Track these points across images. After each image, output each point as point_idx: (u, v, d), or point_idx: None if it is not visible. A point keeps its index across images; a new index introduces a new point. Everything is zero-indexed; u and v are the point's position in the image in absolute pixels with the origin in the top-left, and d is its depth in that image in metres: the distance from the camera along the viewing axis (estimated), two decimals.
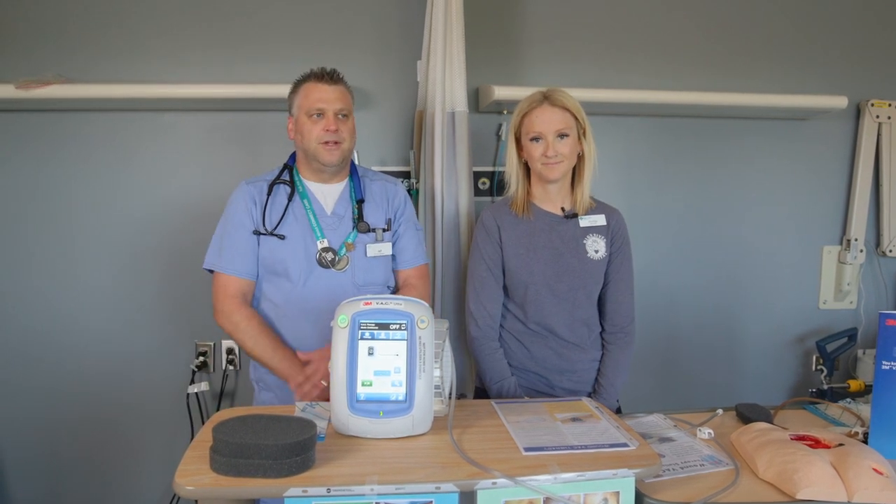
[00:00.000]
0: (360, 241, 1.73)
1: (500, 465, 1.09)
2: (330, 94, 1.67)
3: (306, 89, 1.69)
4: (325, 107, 1.66)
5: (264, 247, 1.69)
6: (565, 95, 1.68)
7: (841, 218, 2.63)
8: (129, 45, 2.19)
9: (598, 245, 1.73)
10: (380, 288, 1.78)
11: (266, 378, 1.75)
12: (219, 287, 1.69)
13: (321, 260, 1.69)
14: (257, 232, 1.69)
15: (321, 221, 1.71)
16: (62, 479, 2.31)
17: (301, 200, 1.73)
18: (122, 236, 2.26)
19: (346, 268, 1.71)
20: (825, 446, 1.27)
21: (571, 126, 1.67)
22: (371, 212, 1.77)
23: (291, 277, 1.68)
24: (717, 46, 2.49)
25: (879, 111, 2.52)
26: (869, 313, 2.67)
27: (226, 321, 1.67)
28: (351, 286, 1.71)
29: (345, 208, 1.75)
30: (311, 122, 1.66)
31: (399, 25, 2.31)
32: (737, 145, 2.56)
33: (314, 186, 1.75)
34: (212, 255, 1.72)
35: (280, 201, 1.72)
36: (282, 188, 1.73)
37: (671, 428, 1.48)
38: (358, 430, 1.20)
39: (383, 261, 1.77)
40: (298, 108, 1.69)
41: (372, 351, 1.23)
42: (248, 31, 2.25)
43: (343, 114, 1.70)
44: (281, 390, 1.72)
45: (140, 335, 2.30)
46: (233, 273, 1.69)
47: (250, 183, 1.73)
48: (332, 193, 1.76)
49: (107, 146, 2.23)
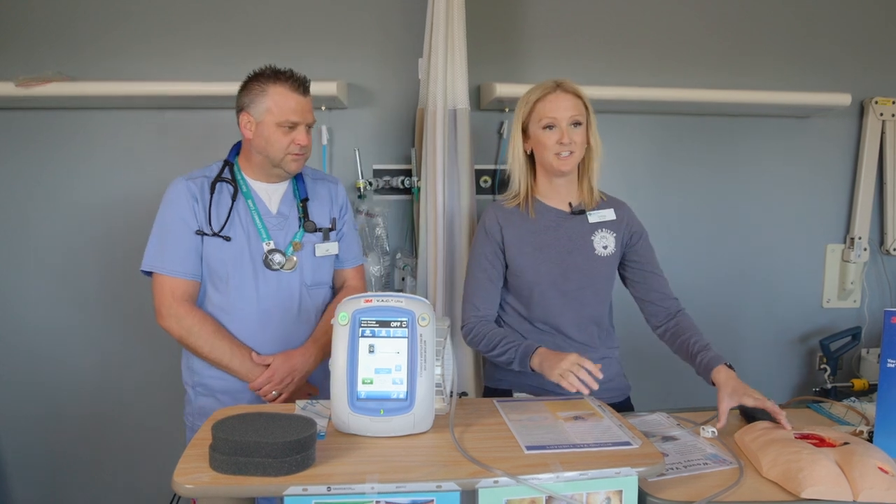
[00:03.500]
0: (308, 241, 1.70)
1: (501, 464, 1.08)
2: (304, 105, 1.62)
3: (278, 95, 1.59)
4: (299, 120, 1.60)
5: (208, 248, 1.62)
6: (576, 85, 1.66)
7: (845, 216, 2.62)
8: (129, 43, 2.19)
9: (607, 241, 1.70)
10: (326, 288, 1.77)
11: (210, 383, 1.67)
12: (163, 290, 1.60)
13: (268, 262, 1.64)
14: (201, 232, 1.61)
15: (266, 222, 1.66)
16: (61, 477, 2.31)
17: (245, 200, 1.66)
18: (123, 234, 2.25)
19: (294, 268, 1.67)
20: (830, 445, 1.26)
21: (583, 114, 1.64)
22: (316, 211, 1.74)
23: (238, 280, 1.62)
24: (720, 43, 2.48)
25: (883, 109, 2.50)
26: (873, 312, 2.65)
27: (175, 325, 1.59)
28: (299, 286, 1.68)
29: (289, 208, 1.71)
30: (281, 132, 1.59)
31: (400, 23, 2.30)
32: (740, 143, 2.54)
33: (257, 185, 1.69)
34: (152, 255, 1.62)
35: (224, 201, 1.65)
36: (225, 187, 1.66)
37: (674, 426, 1.47)
38: (358, 428, 1.19)
39: (329, 260, 1.75)
40: (265, 113, 1.59)
41: (373, 349, 1.22)
42: (248, 28, 2.24)
43: (311, 126, 1.66)
44: (230, 397, 1.66)
45: (141, 334, 2.29)
46: (178, 275, 1.60)
47: (189, 179, 1.64)
48: (276, 192, 1.71)
49: (107, 144, 2.23)
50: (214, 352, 1.60)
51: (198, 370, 1.68)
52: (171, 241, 1.61)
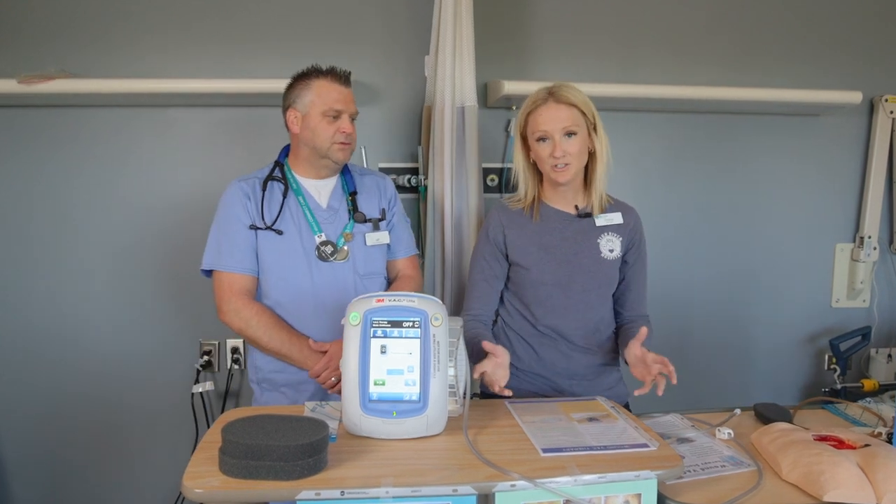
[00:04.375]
0: (358, 232, 1.74)
1: (517, 467, 1.06)
2: (347, 96, 1.70)
3: (321, 87, 1.67)
4: (343, 109, 1.68)
5: (262, 243, 1.68)
6: (572, 90, 1.59)
7: (854, 215, 2.59)
8: (132, 40, 2.16)
9: (614, 244, 1.67)
10: (380, 278, 1.78)
11: (274, 378, 1.72)
12: (222, 285, 1.66)
13: (321, 253, 1.69)
14: (254, 227, 1.67)
15: (317, 216, 1.72)
16: (64, 480, 2.28)
17: (296, 197, 1.72)
18: (125, 233, 2.23)
19: (346, 258, 1.71)
20: (850, 447, 1.24)
21: (579, 123, 1.58)
22: (365, 203, 1.78)
23: (292, 273, 1.67)
24: (729, 41, 2.45)
25: (893, 107, 2.48)
26: (882, 311, 2.63)
27: (235, 318, 1.64)
28: (353, 276, 1.71)
29: (339, 202, 1.76)
30: (326, 121, 1.66)
31: (406, 20, 2.28)
32: (749, 142, 2.52)
33: (307, 182, 1.75)
34: (210, 255, 1.69)
35: (276, 198, 1.71)
36: (276, 185, 1.73)
37: (689, 428, 1.45)
38: (370, 430, 1.17)
39: (381, 250, 1.78)
40: (310, 105, 1.67)
41: (385, 349, 1.20)
42: (251, 25, 2.21)
43: (354, 117, 1.73)
44: (293, 389, 1.71)
45: (143, 334, 2.27)
46: (235, 270, 1.66)
47: (242, 180, 1.73)
48: (325, 188, 1.76)
49: (110, 142, 2.20)
50: (273, 342, 1.64)
51: (261, 366, 1.73)
52: (227, 239, 1.67)
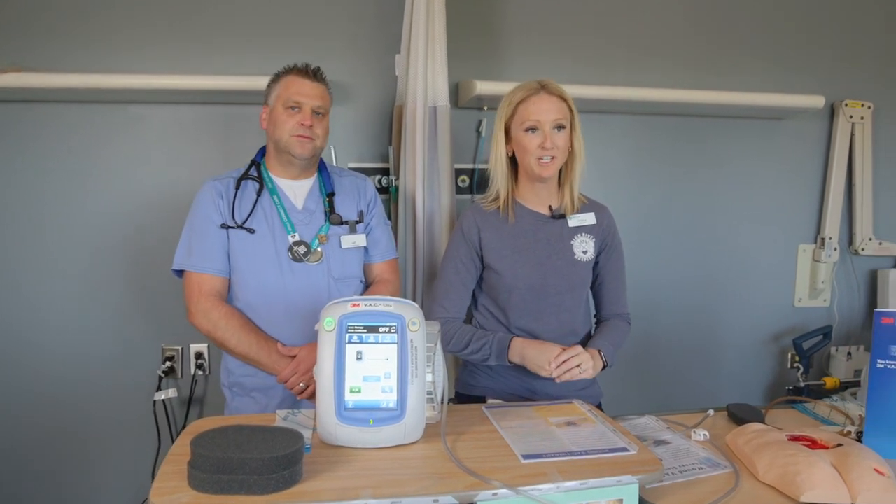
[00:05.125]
0: (334, 234, 1.71)
1: (499, 475, 1.04)
2: (310, 89, 1.66)
3: (287, 81, 1.66)
4: (303, 101, 1.64)
5: (234, 242, 1.64)
6: (560, 87, 1.61)
7: (816, 217, 2.66)
8: (93, 34, 2.07)
9: (587, 245, 1.67)
10: (356, 282, 1.74)
11: (244, 382, 1.67)
12: (192, 286, 1.62)
13: (294, 254, 1.65)
14: (225, 225, 1.64)
15: (292, 217, 1.68)
16: (16, 491, 2.17)
17: (270, 196, 1.69)
18: (85, 234, 2.14)
19: (320, 261, 1.67)
20: (823, 447, 1.25)
21: (568, 118, 1.59)
22: (342, 204, 1.75)
23: (264, 274, 1.64)
24: (695, 45, 2.48)
25: (853, 111, 2.55)
26: (842, 311, 2.70)
27: (203, 320, 1.60)
28: (327, 280, 1.67)
29: (316, 203, 1.72)
30: (286, 113, 1.64)
31: (376, 18, 2.24)
32: (714, 144, 2.56)
33: (283, 182, 1.72)
34: (181, 255, 1.66)
35: (249, 196, 1.68)
36: (250, 184, 1.70)
37: (664, 430, 1.45)
38: (346, 439, 1.13)
39: (358, 253, 1.74)
40: (276, 99, 1.66)
41: (360, 355, 1.17)
42: (219, 21, 2.14)
43: (320, 112, 1.68)
44: (263, 394, 1.66)
45: (103, 338, 2.17)
46: (205, 271, 1.63)
47: (216, 179, 1.69)
48: (301, 189, 1.73)
49: (70, 140, 2.10)
50: (241, 345, 1.60)
51: (232, 369, 1.69)
52: (199, 240, 1.63)
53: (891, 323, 1.28)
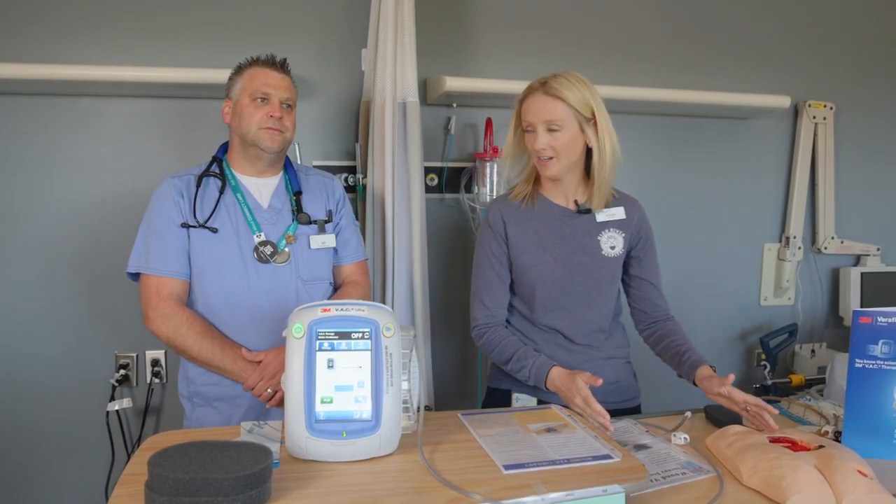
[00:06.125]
0: (302, 234, 1.63)
1: (480, 487, 0.99)
2: (278, 80, 1.59)
3: (252, 73, 1.59)
4: (271, 92, 1.57)
5: (195, 243, 1.55)
6: (567, 84, 1.49)
7: (780, 216, 2.69)
8: (45, 24, 1.94)
9: (615, 241, 1.62)
10: (325, 284, 1.67)
11: (206, 391, 1.58)
12: (150, 290, 1.52)
13: (259, 255, 1.56)
14: (186, 225, 1.55)
15: (257, 216, 1.60)
16: None
17: (234, 194, 1.60)
18: (34, 234, 2.01)
19: (287, 262, 1.59)
20: (804, 448, 1.24)
21: (565, 119, 1.50)
22: (310, 203, 1.67)
23: (228, 276, 1.55)
24: (663, 44, 2.48)
25: (816, 112, 2.58)
26: (805, 309, 2.74)
27: (162, 326, 1.51)
28: (295, 281, 1.60)
29: (282, 202, 1.65)
30: (253, 105, 1.56)
31: (342, 11, 2.16)
32: (680, 144, 2.56)
33: (247, 180, 1.63)
34: (137, 256, 1.56)
35: (211, 194, 1.59)
36: (212, 181, 1.61)
37: (644, 434, 1.41)
38: (318, 453, 1.07)
39: (327, 254, 1.67)
40: (241, 91, 1.58)
41: (332, 363, 1.10)
42: (177, 13, 2.04)
43: (288, 104, 1.61)
44: (227, 404, 1.57)
45: (52, 344, 2.04)
46: (164, 273, 1.53)
47: (175, 177, 1.60)
48: (266, 187, 1.65)
49: (19, 134, 1.97)
50: (203, 352, 1.51)
51: (193, 378, 1.59)
52: (157, 240, 1.54)
53: (869, 322, 1.28)
